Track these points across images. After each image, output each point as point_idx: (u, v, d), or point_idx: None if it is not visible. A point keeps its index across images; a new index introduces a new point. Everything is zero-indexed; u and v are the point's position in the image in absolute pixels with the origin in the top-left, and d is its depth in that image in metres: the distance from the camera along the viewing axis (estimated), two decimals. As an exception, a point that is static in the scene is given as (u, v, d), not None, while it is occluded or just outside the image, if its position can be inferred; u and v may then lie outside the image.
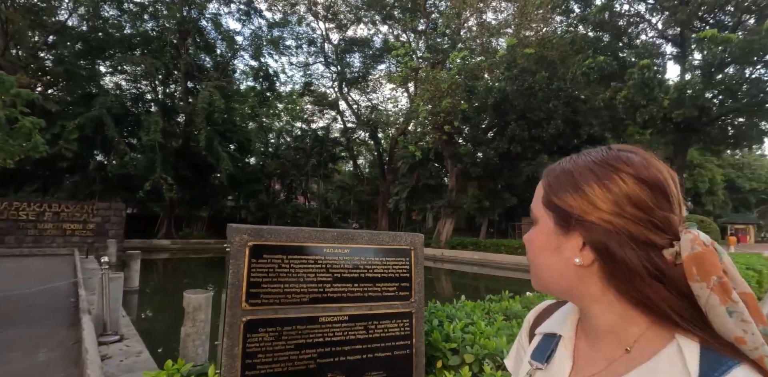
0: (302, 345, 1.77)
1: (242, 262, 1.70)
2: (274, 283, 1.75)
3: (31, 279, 9.83)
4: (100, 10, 21.94)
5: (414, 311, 2.06)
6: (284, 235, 1.81)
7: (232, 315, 1.66)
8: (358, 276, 1.94)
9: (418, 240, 2.14)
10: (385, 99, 34.28)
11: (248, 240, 1.73)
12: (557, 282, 0.56)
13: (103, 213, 18.87)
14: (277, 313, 1.74)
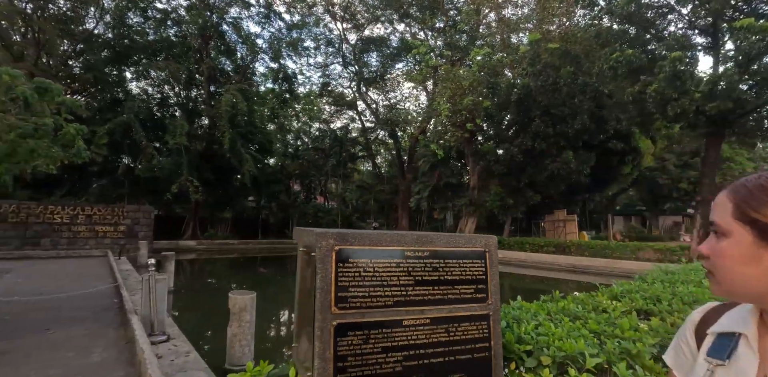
0: (388, 348, 1.77)
1: (329, 267, 1.71)
2: (360, 287, 1.76)
3: (71, 280, 10.16)
4: (125, 17, 22.52)
5: (491, 313, 2.04)
6: (367, 239, 1.81)
7: (322, 319, 1.67)
8: (438, 278, 1.93)
9: (492, 242, 2.12)
10: (403, 98, 34.25)
11: (334, 245, 1.74)
12: (752, 289, 0.61)
13: (132, 215, 19.38)
14: (364, 317, 1.75)
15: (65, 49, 21.93)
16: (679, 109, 12.20)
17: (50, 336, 5.06)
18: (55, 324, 5.64)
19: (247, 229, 28.27)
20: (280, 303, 10.82)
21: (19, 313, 6.18)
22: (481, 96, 17.06)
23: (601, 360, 2.04)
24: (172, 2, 22.85)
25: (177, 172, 20.72)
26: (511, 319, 2.52)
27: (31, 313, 6.19)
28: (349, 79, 34.64)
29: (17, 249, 16.45)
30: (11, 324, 5.54)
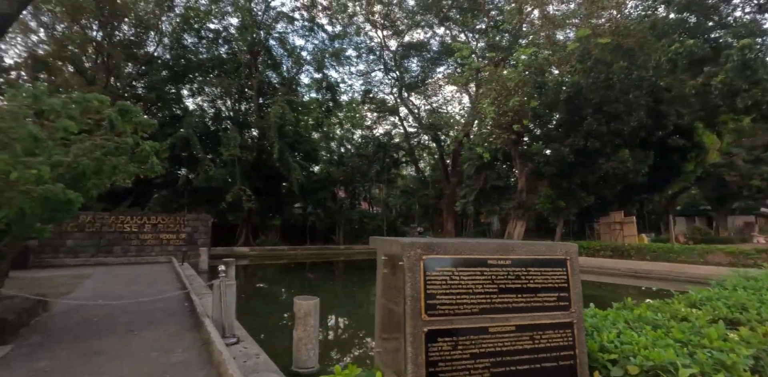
0: (476, 354, 1.82)
1: (418, 275, 1.79)
2: (447, 295, 1.82)
3: (144, 285, 10.96)
4: (181, 39, 24.17)
5: (575, 321, 2.03)
6: (452, 248, 1.87)
7: (413, 325, 1.75)
8: (521, 286, 1.96)
9: (573, 250, 2.11)
10: (445, 101, 34.12)
11: (422, 254, 1.81)
12: None
13: (192, 223, 20.58)
14: (452, 324, 1.81)
15: (130, 72, 23.84)
16: (750, 100, 11.30)
17: (134, 336, 5.51)
18: (137, 325, 6.13)
19: (295, 236, 29.13)
20: (334, 307, 11.07)
21: (105, 315, 6.76)
22: (528, 96, 16.66)
23: (695, 370, 1.97)
24: (223, 22, 24.23)
25: (231, 182, 21.81)
26: (589, 327, 2.48)
27: (115, 315, 6.75)
28: (391, 85, 35.04)
29: (93, 256, 17.96)
30: (100, 325, 6.08)
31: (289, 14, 25.46)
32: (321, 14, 26.97)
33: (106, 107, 5.48)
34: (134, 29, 23.76)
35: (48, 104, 4.34)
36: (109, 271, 13.90)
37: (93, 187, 6.14)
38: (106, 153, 5.90)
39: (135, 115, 5.75)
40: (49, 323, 6.26)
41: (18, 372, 4.14)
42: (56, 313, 7.00)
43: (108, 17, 20.72)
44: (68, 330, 5.78)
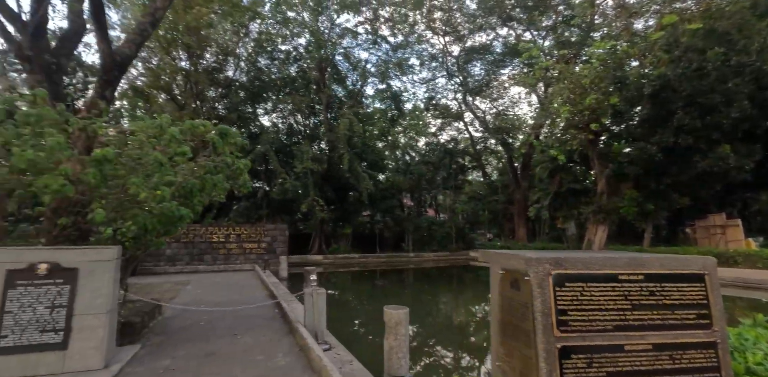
0: (613, 373, 1.76)
1: (548, 291, 1.78)
2: (579, 311, 1.79)
3: (235, 291, 11.83)
4: (256, 62, 26.09)
5: (719, 341, 1.88)
6: (580, 263, 1.84)
7: (546, 341, 1.73)
8: (656, 303, 1.86)
9: (711, 264, 1.97)
10: (511, 104, 33.08)
11: (550, 270, 1.80)
12: None
13: (271, 233, 21.87)
14: (585, 340, 1.77)
15: (213, 95, 26.15)
16: None
17: (238, 340, 5.97)
18: (238, 330, 6.63)
19: (365, 244, 29.72)
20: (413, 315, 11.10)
21: (210, 320, 7.40)
22: (606, 92, 15.62)
23: None
24: (293, 42, 25.77)
25: (305, 193, 22.89)
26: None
27: (218, 320, 7.36)
28: (454, 91, 34.78)
29: (187, 264, 19.76)
30: (207, 329, 6.67)
31: (353, 29, 26.46)
32: (383, 26, 27.66)
33: (209, 130, 6.07)
34: (216, 56, 26.09)
35: (169, 132, 4.92)
36: (203, 278, 15.17)
37: (198, 203, 6.80)
38: (207, 172, 6.54)
39: (233, 136, 6.30)
40: (165, 325, 7.00)
41: (149, 369, 4.69)
42: (168, 317, 7.81)
43: (194, 48, 22.97)
44: (182, 333, 6.42)
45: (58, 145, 3.99)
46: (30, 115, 4.29)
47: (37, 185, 4.39)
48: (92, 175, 4.37)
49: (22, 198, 5.45)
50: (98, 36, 6.23)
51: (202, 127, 5.68)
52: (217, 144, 5.94)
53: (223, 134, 6.16)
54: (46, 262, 4.60)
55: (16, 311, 4.43)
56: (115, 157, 4.55)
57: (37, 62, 6.11)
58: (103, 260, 4.82)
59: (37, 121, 4.28)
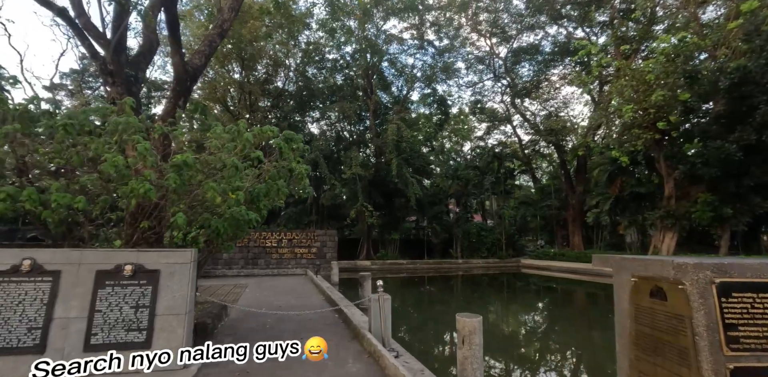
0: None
1: (712, 302, 1.53)
2: (751, 326, 1.52)
3: (292, 295, 12.00)
4: (304, 72, 26.84)
5: None
6: (749, 270, 1.57)
7: (714, 361, 1.48)
8: None
9: None
10: (563, 105, 31.76)
11: (712, 277, 1.55)
12: None
13: (321, 238, 22.19)
14: (760, 361, 1.50)
15: (265, 105, 27.15)
16: None
17: (305, 344, 5.96)
18: (304, 334, 6.62)
19: (413, 250, 29.47)
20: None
21: (274, 323, 7.50)
22: (675, 88, 14.53)
23: None
24: (340, 51, 26.26)
25: (353, 198, 23.07)
26: None
27: (282, 323, 7.44)
28: (501, 93, 34.00)
29: (242, 268, 20.43)
30: (274, 332, 6.74)
31: (399, 35, 26.57)
32: (429, 31, 27.59)
33: (275, 136, 6.17)
34: (267, 68, 27.13)
35: (245, 137, 5.04)
36: (259, 282, 15.58)
37: (263, 207, 6.93)
38: (272, 177, 6.65)
39: (296, 141, 6.37)
40: (233, 327, 7.16)
41: (225, 370, 4.76)
42: (234, 318, 8.01)
43: (248, 60, 24.00)
44: (251, 335, 6.51)
45: (146, 151, 4.16)
46: (119, 123, 4.52)
47: (123, 190, 4.60)
48: (173, 179, 4.52)
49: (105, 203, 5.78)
50: (173, 49, 6.55)
51: (270, 133, 5.77)
52: (283, 149, 6.02)
53: (288, 139, 6.25)
54: (131, 264, 4.81)
55: (104, 310, 4.65)
56: (194, 162, 4.69)
57: (118, 76, 6.51)
58: (182, 262, 4.98)
59: (125, 128, 4.49)
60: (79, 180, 4.72)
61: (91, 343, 4.53)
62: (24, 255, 4.64)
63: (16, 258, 4.61)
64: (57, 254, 4.76)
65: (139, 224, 5.80)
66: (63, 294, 4.62)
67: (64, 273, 4.68)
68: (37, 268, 4.63)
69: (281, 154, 6.17)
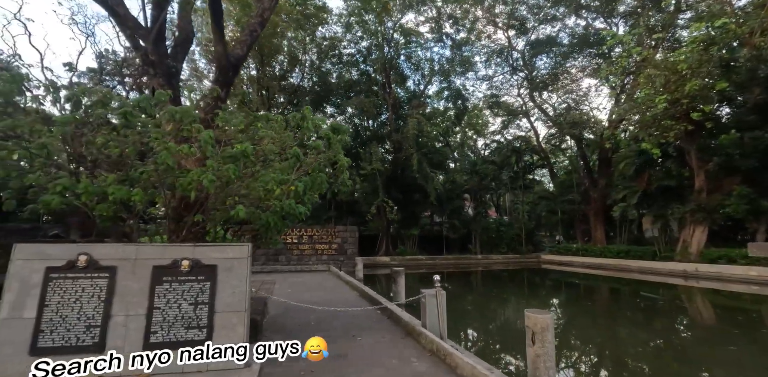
0: None
1: None
2: None
3: (324, 290, 11.79)
4: (320, 67, 26.63)
5: None
6: None
7: None
8: None
9: None
10: (583, 97, 31.12)
11: None
12: None
13: (341, 235, 22.04)
14: None
15: (282, 101, 27.01)
16: None
17: (359, 342, 5.75)
18: (352, 331, 6.40)
19: (431, 245, 29.22)
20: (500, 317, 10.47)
21: (317, 319, 7.30)
22: (710, 77, 14.03)
23: None
24: (357, 46, 26.00)
25: (373, 194, 22.85)
26: None
27: (325, 319, 7.23)
28: (518, 86, 33.43)
29: (264, 264, 20.36)
30: (323, 328, 6.54)
31: (416, 29, 26.18)
32: (447, 24, 27.15)
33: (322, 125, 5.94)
34: (283, 64, 26.95)
35: (306, 126, 4.83)
36: (284, 278, 15.43)
37: (308, 200, 6.72)
38: (315, 169, 6.43)
39: (343, 132, 6.15)
40: (278, 323, 6.97)
41: (288, 369, 4.56)
42: (275, 314, 7.84)
43: (265, 56, 23.83)
44: (299, 331, 6.31)
45: (210, 139, 3.96)
46: (175, 112, 4.32)
47: (181, 182, 4.40)
48: (232, 170, 4.31)
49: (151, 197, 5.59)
50: (216, 38, 6.36)
51: (320, 122, 5.55)
52: (331, 140, 5.80)
53: (335, 130, 6.02)
54: (188, 259, 4.63)
55: (163, 307, 4.48)
56: (252, 152, 4.48)
57: (159, 67, 6.32)
58: (239, 257, 4.79)
59: (182, 117, 4.29)
60: (132, 172, 4.53)
61: (151, 342, 4.35)
62: (80, 251, 4.47)
63: (72, 254, 4.45)
64: (112, 249, 4.59)
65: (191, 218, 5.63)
66: (120, 290, 4.45)
67: (120, 269, 4.51)
68: (93, 264, 4.47)
69: (330, 145, 5.93)
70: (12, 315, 4.18)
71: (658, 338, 8.40)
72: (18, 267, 4.34)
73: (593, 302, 13.21)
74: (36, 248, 4.51)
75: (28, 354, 4.08)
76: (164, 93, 5.00)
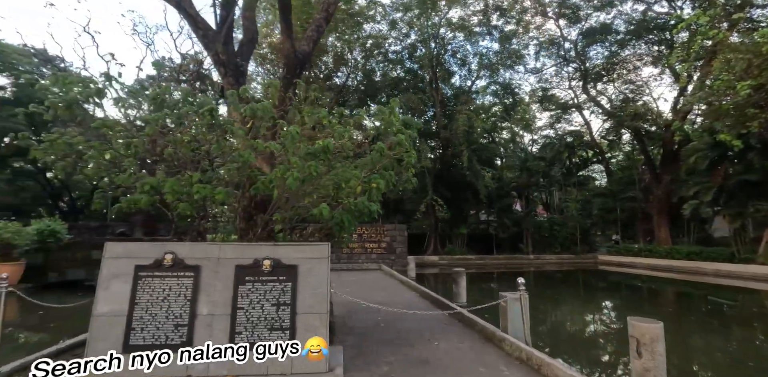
0: None
1: None
2: None
3: (382, 290, 11.62)
4: (366, 65, 26.57)
5: None
6: None
7: None
8: None
9: None
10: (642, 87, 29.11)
11: None
12: None
13: (390, 233, 21.87)
14: None
15: (329, 100, 27.21)
16: None
17: (437, 346, 5.47)
18: (426, 334, 6.13)
19: (480, 244, 28.42)
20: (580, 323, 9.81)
21: (386, 321, 7.08)
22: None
23: None
24: (403, 43, 25.70)
25: (422, 192, 22.51)
26: None
27: (394, 322, 7.00)
28: (569, 79, 31.80)
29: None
30: (395, 331, 6.31)
31: (464, 24, 25.49)
32: (494, 16, 26.25)
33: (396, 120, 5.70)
34: (328, 64, 27.14)
35: (394, 121, 4.63)
36: (338, 276, 15.41)
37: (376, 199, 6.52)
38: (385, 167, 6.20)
39: (416, 127, 5.89)
40: (345, 324, 6.84)
41: (372, 375, 4.36)
42: (340, 314, 7.71)
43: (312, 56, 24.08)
44: (371, 334, 6.13)
45: (297, 135, 3.82)
46: (256, 109, 4.22)
47: (262, 180, 4.30)
48: (314, 167, 4.15)
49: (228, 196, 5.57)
50: (284, 34, 6.29)
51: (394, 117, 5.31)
52: (404, 135, 5.54)
53: (407, 124, 5.76)
54: (268, 258, 4.55)
55: (246, 307, 4.41)
56: (333, 148, 4.31)
57: (229, 67, 6.33)
58: (319, 257, 4.66)
59: (263, 114, 4.19)
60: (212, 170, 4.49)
61: (236, 343, 4.30)
62: (166, 249, 4.50)
63: (158, 252, 4.48)
64: (196, 248, 4.59)
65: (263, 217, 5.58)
66: (204, 289, 4.43)
67: (203, 268, 4.50)
68: (179, 263, 4.48)
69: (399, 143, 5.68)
70: (105, 312, 4.25)
71: None
72: (109, 265, 4.43)
73: (680, 308, 12.13)
74: (125, 246, 4.59)
75: (121, 351, 4.13)
76: (234, 91, 4.97)
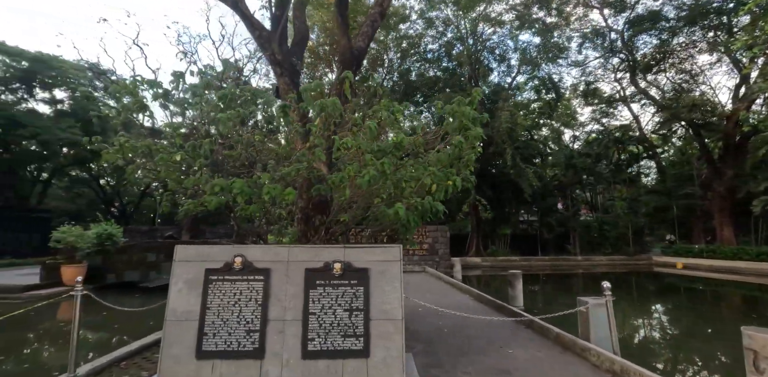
0: None
1: None
2: None
3: (432, 293, 11.27)
4: (403, 65, 26.35)
5: None
6: None
7: None
8: None
9: None
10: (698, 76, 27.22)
11: None
12: None
13: (432, 234, 21.48)
14: None
15: (363, 102, 27.18)
16: None
17: (511, 355, 5.11)
18: (497, 341, 5.77)
19: (524, 245, 27.47)
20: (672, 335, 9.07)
21: (449, 326, 6.77)
22: None
23: None
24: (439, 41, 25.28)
25: (463, 192, 21.96)
26: None
27: (457, 327, 6.68)
28: (614, 70, 30.24)
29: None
30: (463, 337, 5.99)
31: (502, 19, 24.79)
32: (534, 8, 25.35)
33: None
34: (365, 65, 27.09)
35: (461, 113, 4.37)
36: (383, 279, 15.18)
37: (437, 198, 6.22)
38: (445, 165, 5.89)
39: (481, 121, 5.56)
40: (410, 329, 6.56)
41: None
42: (398, 320, 7.44)
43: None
44: (439, 340, 5.84)
45: (374, 130, 3.60)
46: (325, 105, 4.04)
47: (332, 179, 4.12)
48: (387, 165, 3.91)
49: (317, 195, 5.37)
50: (340, 31, 6.15)
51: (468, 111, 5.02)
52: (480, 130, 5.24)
53: (474, 119, 5.44)
54: (339, 261, 4.35)
55: (318, 313, 4.23)
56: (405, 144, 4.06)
57: (285, 66, 6.23)
58: (391, 260, 4.42)
59: (333, 110, 4.00)
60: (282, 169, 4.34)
61: (309, 350, 4.11)
62: (235, 252, 4.40)
63: (228, 255, 4.39)
64: (265, 251, 4.46)
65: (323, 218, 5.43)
66: (275, 293, 4.29)
67: (273, 272, 4.36)
68: (248, 266, 4.37)
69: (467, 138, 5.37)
70: (178, 317, 4.19)
71: None
72: (180, 269, 4.37)
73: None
74: (195, 249, 4.52)
75: (195, 358, 4.05)
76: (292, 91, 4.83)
